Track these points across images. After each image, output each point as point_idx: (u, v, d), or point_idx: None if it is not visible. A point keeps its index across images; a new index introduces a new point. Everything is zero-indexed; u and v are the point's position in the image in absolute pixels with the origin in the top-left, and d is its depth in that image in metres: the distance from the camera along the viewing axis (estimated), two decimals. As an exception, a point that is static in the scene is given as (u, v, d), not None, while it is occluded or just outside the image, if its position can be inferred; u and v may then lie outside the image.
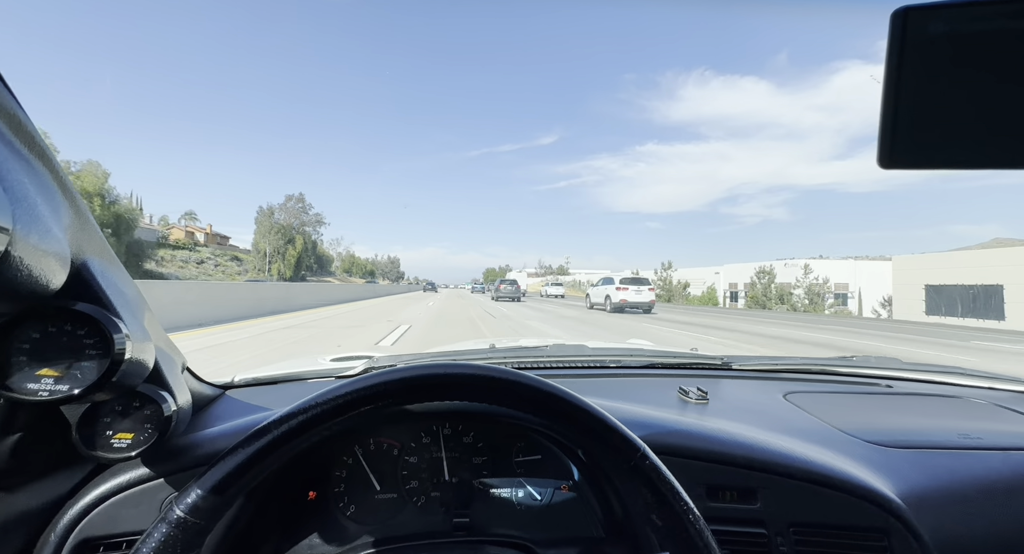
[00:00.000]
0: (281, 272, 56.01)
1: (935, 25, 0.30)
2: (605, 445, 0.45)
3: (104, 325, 0.45)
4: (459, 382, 0.44)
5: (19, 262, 0.36)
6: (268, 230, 58.05)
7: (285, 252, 57.37)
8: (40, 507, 0.54)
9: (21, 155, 0.40)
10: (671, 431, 0.67)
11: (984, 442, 0.73)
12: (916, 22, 0.30)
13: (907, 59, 0.31)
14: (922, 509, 0.61)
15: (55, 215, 0.42)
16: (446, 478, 0.70)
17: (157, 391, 0.55)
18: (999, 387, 1.03)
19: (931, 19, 0.30)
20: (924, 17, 0.30)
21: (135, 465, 0.58)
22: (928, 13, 0.30)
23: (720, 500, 0.63)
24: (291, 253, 57.44)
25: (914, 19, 0.30)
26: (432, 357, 1.15)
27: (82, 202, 0.47)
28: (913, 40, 0.31)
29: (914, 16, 0.30)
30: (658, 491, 0.44)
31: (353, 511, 0.68)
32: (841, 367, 1.14)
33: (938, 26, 0.30)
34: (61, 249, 0.42)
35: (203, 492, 0.40)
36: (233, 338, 6.62)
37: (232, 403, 0.78)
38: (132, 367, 0.47)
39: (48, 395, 0.44)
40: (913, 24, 0.31)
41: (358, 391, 0.43)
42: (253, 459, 0.41)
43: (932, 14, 0.30)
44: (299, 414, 0.42)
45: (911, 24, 0.31)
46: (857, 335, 9.80)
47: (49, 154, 0.43)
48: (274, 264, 56.10)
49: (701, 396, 0.85)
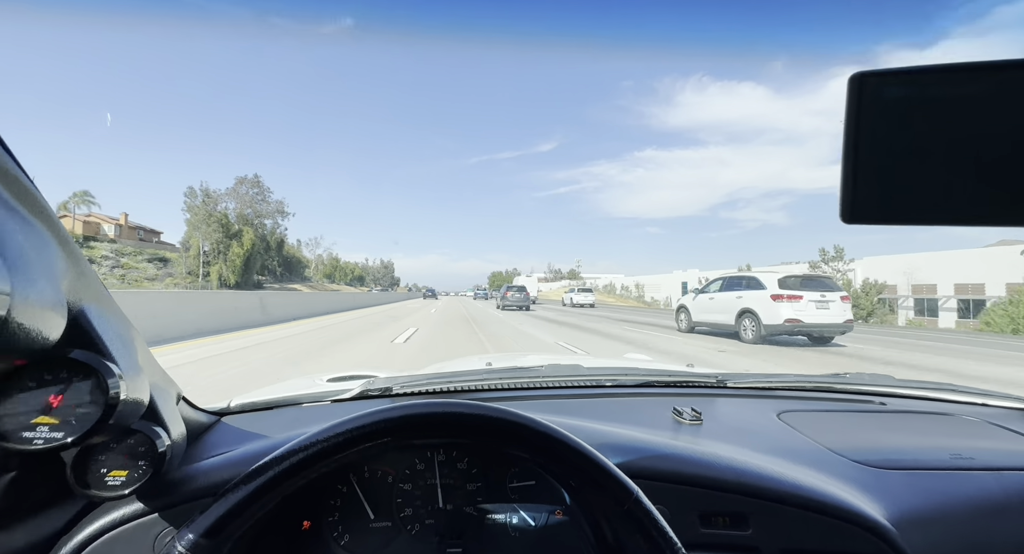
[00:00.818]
0: (223, 276, 44.43)
1: (889, 90, 0.33)
2: (599, 489, 0.48)
3: (100, 372, 0.47)
4: (460, 421, 0.48)
5: (17, 325, 0.37)
6: (203, 220, 45.02)
7: (228, 250, 45.07)
8: (34, 544, 0.56)
9: (15, 211, 0.42)
10: (665, 456, 0.69)
11: (976, 462, 0.75)
12: (872, 86, 0.33)
13: (863, 120, 0.34)
14: (914, 533, 0.63)
15: (50, 268, 0.44)
16: (440, 505, 0.73)
17: (151, 427, 0.57)
18: (992, 403, 1.07)
19: (886, 84, 0.33)
20: (879, 82, 0.33)
21: (129, 501, 0.60)
22: (883, 79, 0.33)
23: (713, 526, 0.65)
24: (236, 251, 44.89)
25: (870, 83, 0.33)
26: (428, 379, 1.13)
27: (76, 247, 0.50)
28: (869, 103, 0.34)
29: (869, 81, 0.33)
30: (650, 537, 0.46)
31: (347, 540, 0.70)
32: (835, 384, 1.17)
33: (892, 91, 0.33)
34: (58, 302, 0.44)
35: (201, 531, 0.43)
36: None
37: (228, 430, 0.80)
38: (127, 407, 0.49)
39: (43, 443, 0.45)
40: (869, 88, 0.33)
41: (357, 429, 0.46)
42: (252, 497, 0.44)
43: (886, 80, 0.33)
44: (298, 452, 0.45)
45: (867, 88, 0.34)
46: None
47: (43, 203, 0.46)
48: (213, 265, 44.65)
49: (695, 417, 0.88)
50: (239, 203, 49.60)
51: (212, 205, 46.33)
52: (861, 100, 0.34)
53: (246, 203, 50.00)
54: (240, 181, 50.38)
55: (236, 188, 50.11)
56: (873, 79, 0.34)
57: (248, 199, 50.29)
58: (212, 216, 45.18)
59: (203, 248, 44.14)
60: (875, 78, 0.34)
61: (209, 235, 44.40)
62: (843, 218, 0.35)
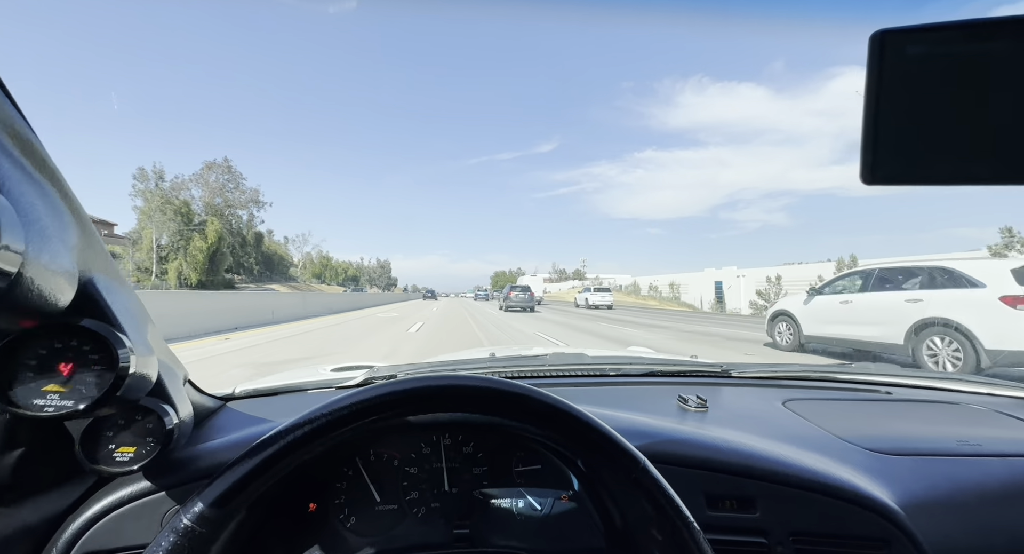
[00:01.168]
0: (183, 275, 39.05)
1: (911, 47, 0.33)
2: (607, 458, 0.49)
3: (109, 341, 0.49)
4: (463, 394, 0.48)
5: (30, 282, 0.39)
6: (157, 208, 38.97)
7: (188, 245, 39.13)
8: (42, 521, 0.57)
9: (32, 177, 0.44)
10: (670, 440, 0.71)
11: (984, 449, 0.76)
12: (893, 44, 0.33)
13: (886, 80, 0.34)
14: (922, 517, 0.64)
15: (63, 234, 0.46)
16: (446, 489, 0.74)
17: (159, 404, 0.58)
18: (998, 393, 1.07)
19: (907, 42, 0.33)
20: (901, 40, 0.33)
21: (136, 478, 0.61)
22: (904, 36, 0.33)
23: (720, 509, 0.66)
24: (198, 245, 39.23)
25: (891, 42, 0.33)
26: (432, 367, 1.17)
27: (88, 219, 0.52)
28: (891, 62, 0.33)
29: (891, 39, 0.33)
30: (659, 505, 0.46)
31: (354, 523, 0.70)
32: (840, 374, 1.19)
33: (914, 48, 0.33)
34: (69, 268, 0.46)
35: (209, 502, 0.43)
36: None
37: (233, 415, 0.81)
38: (136, 381, 0.51)
39: (54, 411, 0.47)
40: (890, 46, 0.33)
41: (362, 402, 0.46)
42: (259, 469, 0.44)
43: (908, 37, 0.33)
44: (304, 425, 0.45)
45: (888, 46, 0.33)
46: None
47: (58, 174, 0.48)
48: (171, 262, 39.50)
49: (700, 404, 0.89)
50: (207, 191, 44.55)
51: (175, 192, 41.23)
52: (883, 59, 0.33)
53: (215, 191, 45.04)
54: (208, 166, 45.38)
55: (203, 174, 44.73)
56: (895, 37, 0.33)
57: (217, 187, 45.17)
58: (169, 204, 39.45)
59: (157, 241, 38.74)
60: (897, 35, 0.33)
61: (165, 226, 38.90)
62: (863, 179, 0.35)
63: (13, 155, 0.41)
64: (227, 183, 45.34)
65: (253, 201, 47.87)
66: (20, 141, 0.42)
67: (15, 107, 0.43)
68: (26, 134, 0.43)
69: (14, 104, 0.43)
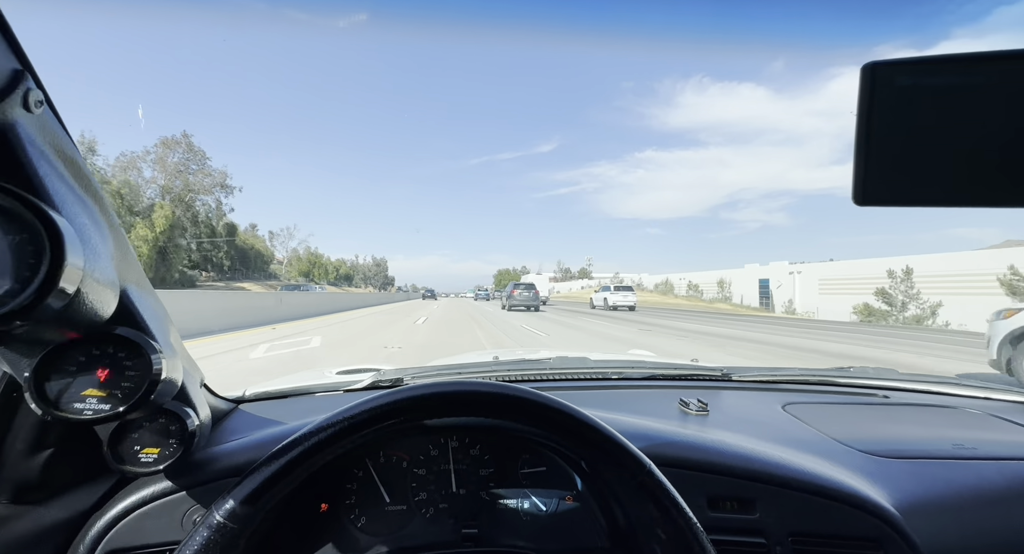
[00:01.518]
0: None
1: (900, 79, 0.35)
2: (612, 462, 0.50)
3: (144, 348, 0.51)
4: (483, 400, 0.50)
5: (84, 297, 0.42)
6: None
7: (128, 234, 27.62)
8: (68, 519, 0.59)
9: (80, 197, 0.46)
10: (673, 443, 0.72)
11: (979, 452, 0.77)
12: (883, 75, 0.35)
13: (876, 108, 0.35)
14: (917, 519, 0.66)
15: (107, 248, 0.48)
16: (454, 490, 0.76)
17: (182, 407, 0.61)
18: (994, 397, 1.09)
19: (896, 73, 0.35)
20: (890, 71, 0.35)
21: (158, 479, 0.63)
22: (893, 68, 0.35)
23: (721, 510, 0.68)
24: (141, 233, 30.14)
25: (881, 73, 0.35)
26: (437, 370, 1.19)
27: (122, 231, 0.54)
28: (881, 91, 0.35)
29: (881, 70, 0.35)
30: (663, 507, 0.48)
31: (364, 522, 0.72)
32: (839, 378, 1.21)
33: (902, 79, 0.35)
34: (113, 280, 0.48)
35: (241, 499, 0.45)
36: None
37: (246, 417, 0.84)
38: (166, 386, 0.53)
39: (92, 414, 0.49)
40: (880, 77, 0.35)
41: (386, 405, 0.48)
42: (286, 468, 0.47)
43: (897, 69, 0.35)
44: (328, 427, 0.47)
45: (878, 77, 0.35)
46: None
47: (99, 190, 0.50)
48: None
49: (701, 408, 0.90)
50: (164, 172, 36.09)
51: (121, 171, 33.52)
52: (873, 88, 0.35)
53: (173, 173, 36.52)
54: (165, 143, 36.60)
55: (159, 152, 35.93)
56: (885, 68, 0.35)
57: (175, 168, 36.45)
58: (106, 185, 30.01)
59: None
60: (886, 67, 0.35)
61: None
62: (855, 200, 0.37)
63: (65, 177, 0.44)
64: (189, 163, 36.60)
65: (220, 185, 38.53)
66: (69, 163, 0.45)
67: (63, 128, 0.44)
68: (73, 154, 0.45)
69: (62, 125, 0.44)
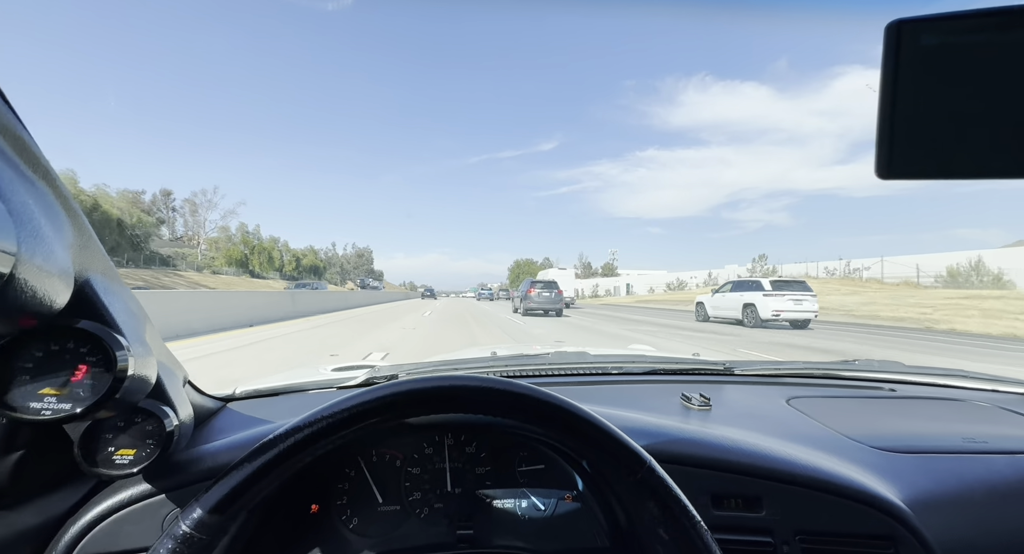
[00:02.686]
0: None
1: (928, 37, 0.32)
2: (612, 458, 0.49)
3: (106, 342, 0.48)
4: (466, 395, 0.48)
5: (24, 284, 0.38)
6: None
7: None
8: (41, 525, 0.57)
9: (25, 176, 0.43)
10: (675, 439, 0.70)
11: (989, 446, 0.76)
12: (909, 34, 0.33)
13: (902, 71, 0.33)
14: (928, 515, 0.64)
15: (59, 234, 0.45)
16: (449, 489, 0.73)
17: (159, 406, 0.58)
18: (1003, 389, 1.08)
19: (923, 31, 0.32)
20: (917, 30, 0.32)
21: (137, 481, 0.61)
22: (921, 26, 0.32)
23: (725, 508, 0.66)
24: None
25: (907, 32, 0.32)
26: (434, 366, 1.16)
27: (84, 220, 0.51)
28: (907, 52, 0.33)
29: (907, 29, 0.32)
30: (665, 505, 0.46)
31: (356, 524, 0.70)
32: (844, 371, 1.18)
33: (931, 38, 0.32)
34: (65, 268, 0.45)
35: (208, 507, 0.42)
36: None
37: (234, 416, 0.81)
38: (134, 383, 0.50)
39: (51, 414, 0.46)
40: (906, 36, 0.33)
41: (362, 404, 0.45)
42: (258, 473, 0.44)
43: (924, 26, 0.32)
44: (304, 428, 0.45)
45: (904, 36, 0.33)
46: None
47: (52, 173, 0.47)
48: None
49: (704, 402, 0.88)
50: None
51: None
52: (899, 50, 0.32)
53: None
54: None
55: None
56: (911, 26, 0.32)
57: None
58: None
59: None
60: (913, 25, 0.32)
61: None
62: (878, 173, 0.35)
63: (5, 153, 0.40)
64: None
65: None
66: (12, 139, 0.42)
67: (7, 104, 0.42)
68: (19, 131, 0.42)
69: (6, 101, 0.42)
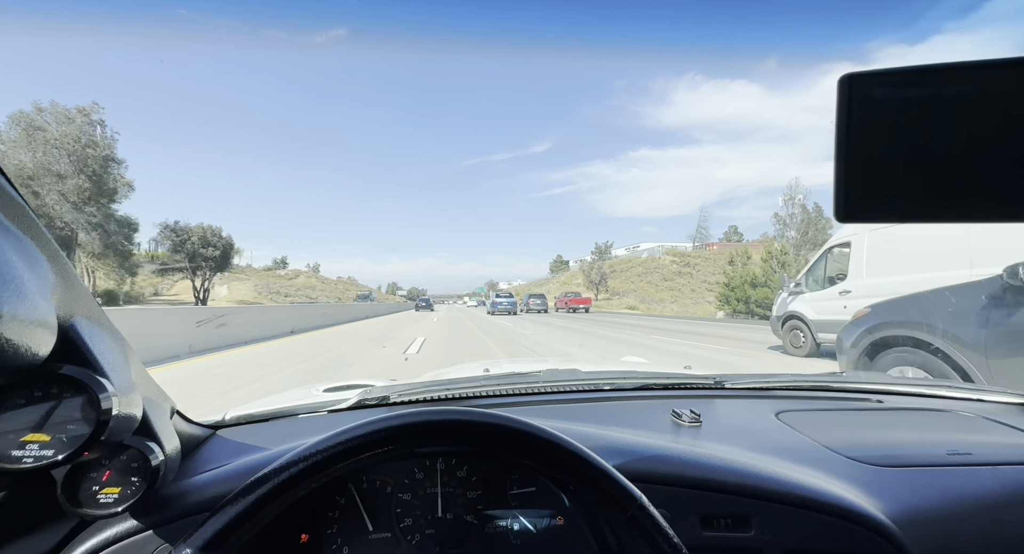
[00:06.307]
0: None
1: (878, 90, 0.34)
2: (603, 495, 0.49)
3: (91, 388, 0.47)
4: (459, 430, 0.48)
5: (6, 342, 0.38)
6: None
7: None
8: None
9: (8, 230, 0.42)
10: (665, 460, 0.71)
11: (973, 458, 0.77)
12: (861, 87, 0.35)
13: (854, 121, 0.35)
14: (914, 530, 0.64)
15: (42, 284, 0.44)
16: (440, 514, 0.73)
17: (144, 442, 0.57)
18: (987, 399, 1.09)
19: (874, 84, 0.34)
20: (868, 83, 0.35)
21: (123, 518, 0.59)
22: (871, 79, 0.35)
23: (714, 529, 0.66)
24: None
25: (859, 84, 0.35)
26: (426, 387, 1.15)
27: (66, 262, 0.50)
28: (859, 103, 0.35)
29: (858, 82, 0.35)
30: (655, 543, 0.47)
31: (346, 553, 0.69)
32: (832, 383, 1.20)
33: (881, 91, 0.34)
34: (48, 318, 0.44)
35: (200, 545, 0.42)
36: None
37: (223, 443, 0.80)
38: (119, 423, 0.49)
39: (33, 462, 0.45)
40: (858, 89, 0.35)
41: (352, 440, 0.46)
42: (249, 511, 0.44)
43: (875, 80, 0.34)
44: (296, 464, 0.45)
45: (856, 89, 0.35)
46: None
47: (33, 220, 0.46)
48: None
49: (694, 419, 0.89)
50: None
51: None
52: (851, 100, 0.35)
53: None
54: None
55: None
56: (862, 80, 0.34)
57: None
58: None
59: None
60: (864, 79, 0.34)
61: None
62: (837, 216, 0.36)
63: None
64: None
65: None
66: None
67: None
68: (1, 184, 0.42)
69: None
